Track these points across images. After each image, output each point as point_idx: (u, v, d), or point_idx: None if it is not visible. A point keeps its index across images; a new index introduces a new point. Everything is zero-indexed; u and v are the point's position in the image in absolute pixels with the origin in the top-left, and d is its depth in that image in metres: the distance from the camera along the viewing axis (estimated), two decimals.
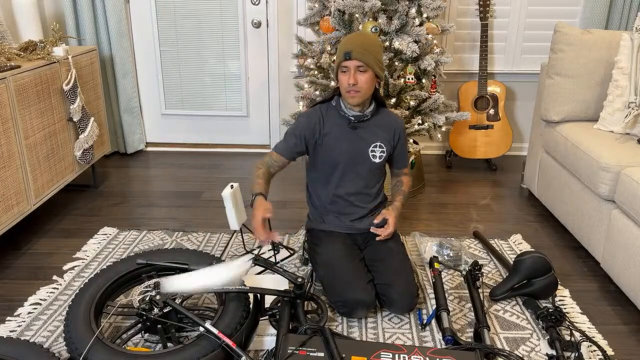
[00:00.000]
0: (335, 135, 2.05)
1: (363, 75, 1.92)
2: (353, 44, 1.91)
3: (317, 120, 2.05)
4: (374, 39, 1.99)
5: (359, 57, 1.90)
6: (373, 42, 1.96)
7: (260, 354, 1.78)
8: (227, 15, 3.55)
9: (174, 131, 3.89)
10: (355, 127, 2.05)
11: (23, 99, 2.42)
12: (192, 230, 2.65)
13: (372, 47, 1.94)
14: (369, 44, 1.93)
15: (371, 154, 2.07)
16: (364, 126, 2.06)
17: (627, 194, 2.09)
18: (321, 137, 2.05)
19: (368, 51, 1.91)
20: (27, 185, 2.48)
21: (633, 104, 2.45)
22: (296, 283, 1.81)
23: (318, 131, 2.05)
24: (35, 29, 2.99)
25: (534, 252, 2.09)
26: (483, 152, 3.53)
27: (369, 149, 2.06)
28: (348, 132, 2.05)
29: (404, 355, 1.61)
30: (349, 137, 2.05)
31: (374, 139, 2.07)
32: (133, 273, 1.91)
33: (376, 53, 1.94)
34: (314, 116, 2.06)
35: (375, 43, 1.97)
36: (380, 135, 2.08)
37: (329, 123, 2.06)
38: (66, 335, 1.63)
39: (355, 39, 1.93)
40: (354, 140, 2.05)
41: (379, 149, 2.07)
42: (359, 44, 1.91)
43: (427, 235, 2.61)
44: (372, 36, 2.01)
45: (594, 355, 1.81)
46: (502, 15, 3.56)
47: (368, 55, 1.91)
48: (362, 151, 2.06)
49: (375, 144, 2.07)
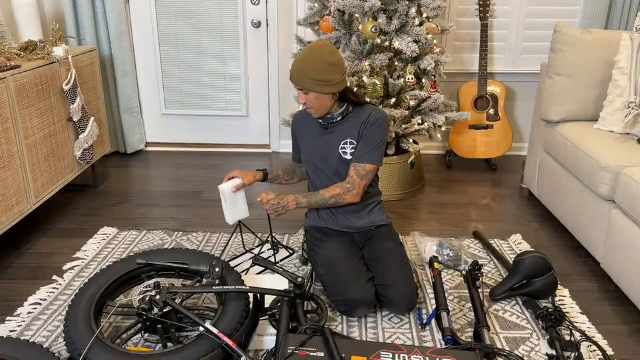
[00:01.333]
0: (311, 136, 2.16)
1: (308, 95, 1.99)
2: (294, 68, 1.96)
3: (300, 120, 2.22)
4: (317, 59, 1.92)
5: (296, 82, 1.97)
6: (314, 64, 1.91)
7: (260, 354, 1.78)
8: (227, 15, 3.55)
9: (173, 131, 3.89)
10: (327, 128, 2.11)
11: (23, 99, 2.42)
12: (192, 230, 2.65)
13: (312, 70, 1.91)
14: (308, 69, 1.92)
15: (342, 151, 2.09)
16: (335, 127, 2.10)
17: (627, 194, 2.09)
18: (301, 137, 2.20)
19: (305, 76, 1.93)
20: (27, 185, 2.48)
21: (633, 104, 2.45)
22: (296, 283, 1.81)
23: (298, 130, 2.22)
24: (35, 29, 2.99)
25: (534, 252, 2.09)
26: (483, 152, 3.53)
27: (339, 147, 2.09)
28: (321, 133, 2.13)
29: (404, 355, 1.61)
30: (322, 137, 2.13)
31: (344, 137, 2.09)
32: (133, 273, 1.91)
33: (316, 74, 1.91)
34: (299, 117, 2.23)
35: (316, 64, 1.91)
36: (351, 132, 2.08)
37: (308, 124, 2.18)
38: (66, 335, 1.63)
39: (298, 63, 1.95)
40: (326, 140, 2.12)
41: (349, 145, 2.08)
42: (298, 69, 1.95)
43: (427, 235, 2.61)
44: (316, 55, 1.93)
45: (594, 355, 1.81)
46: (502, 15, 3.56)
47: (304, 81, 1.94)
48: (333, 149, 2.10)
49: (345, 141, 2.09)
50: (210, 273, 1.84)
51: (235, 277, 1.87)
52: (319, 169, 2.15)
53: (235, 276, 1.88)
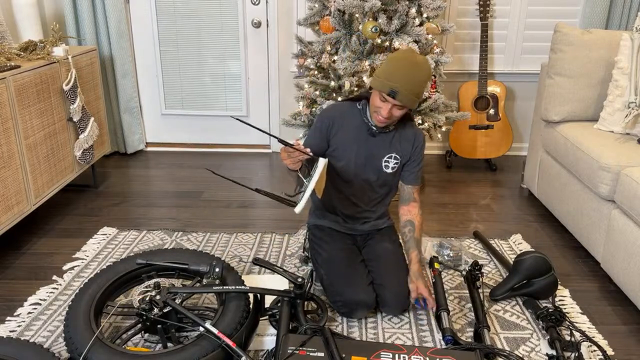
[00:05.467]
0: (351, 137, 2.00)
1: (399, 110, 1.86)
2: (403, 83, 1.78)
3: (336, 115, 2.01)
4: (425, 76, 1.82)
5: (403, 100, 1.80)
6: (423, 81, 1.82)
7: (260, 354, 1.78)
8: (227, 15, 3.55)
9: (173, 131, 3.89)
10: (374, 135, 2.01)
11: (23, 99, 2.42)
12: (192, 230, 2.65)
13: (421, 89, 1.82)
14: (419, 86, 1.80)
15: (384, 164, 2.03)
16: (383, 136, 2.02)
17: (627, 194, 2.09)
18: (338, 135, 2.00)
19: (416, 95, 1.81)
20: (27, 185, 2.48)
21: (633, 104, 2.45)
22: (296, 283, 1.81)
23: (336, 126, 2.00)
24: (35, 29, 2.99)
25: (534, 252, 2.09)
26: (483, 152, 3.53)
27: (384, 159, 2.02)
28: (365, 138, 2.00)
29: (404, 355, 1.61)
30: (365, 142, 2.01)
31: (390, 150, 2.02)
32: (133, 273, 1.91)
33: (422, 91, 1.83)
34: (336, 112, 2.02)
35: (425, 81, 1.83)
36: (398, 147, 2.03)
37: (348, 123, 2.00)
38: (66, 335, 1.63)
39: (407, 77, 1.78)
40: (370, 147, 2.01)
41: (393, 160, 2.03)
42: (408, 86, 1.78)
43: (427, 235, 2.61)
44: (424, 71, 1.82)
45: (594, 355, 1.81)
46: (502, 15, 3.56)
47: (413, 100, 1.82)
48: (376, 159, 2.02)
49: (391, 155, 2.02)
50: (210, 273, 1.84)
51: (235, 277, 1.87)
52: (351, 172, 2.02)
53: (235, 276, 1.88)
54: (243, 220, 2.78)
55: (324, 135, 2.01)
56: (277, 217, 2.82)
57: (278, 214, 2.86)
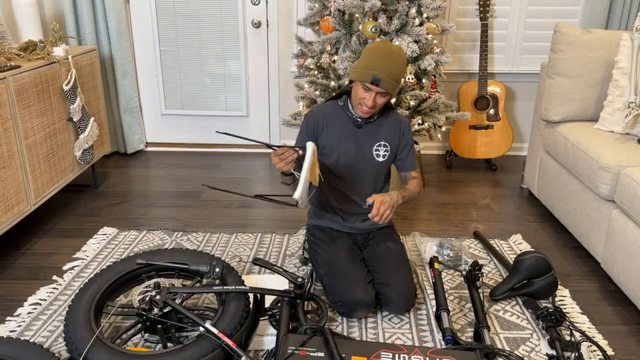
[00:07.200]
0: (338, 133, 2.05)
1: (382, 98, 1.92)
2: (383, 70, 1.84)
3: (320, 117, 2.06)
4: (402, 62, 1.90)
5: (385, 87, 1.86)
6: (401, 67, 1.89)
7: (260, 354, 1.78)
8: (227, 15, 3.55)
9: (174, 131, 3.89)
10: (360, 127, 2.05)
11: (23, 99, 2.42)
12: (192, 230, 2.65)
13: (400, 75, 1.89)
14: (398, 72, 1.88)
15: (375, 153, 2.07)
16: (368, 126, 2.06)
17: (627, 194, 2.09)
18: (326, 133, 2.05)
19: (396, 81, 1.88)
20: (27, 185, 2.47)
21: (633, 104, 2.45)
22: (296, 283, 1.81)
23: (322, 127, 2.06)
24: (35, 29, 2.99)
25: (534, 252, 2.09)
26: (483, 152, 3.53)
27: (373, 148, 2.06)
28: (352, 131, 2.05)
29: (404, 355, 1.61)
30: (353, 135, 2.05)
31: (378, 138, 2.06)
32: (133, 273, 1.91)
33: (401, 77, 1.91)
34: (319, 114, 2.07)
35: (403, 67, 1.90)
36: (385, 135, 2.07)
37: (333, 121, 2.06)
38: (66, 335, 1.63)
39: (387, 64, 1.85)
40: (358, 138, 2.05)
41: (382, 148, 2.07)
42: (388, 73, 1.85)
43: (427, 235, 2.61)
44: (400, 58, 1.90)
45: (594, 355, 1.81)
46: (502, 15, 3.56)
47: (394, 86, 1.88)
48: (366, 150, 2.06)
49: (380, 143, 2.06)
50: (210, 273, 1.84)
51: (235, 277, 1.87)
52: (344, 166, 2.07)
53: (235, 276, 1.88)
54: (243, 220, 2.78)
55: (312, 137, 2.06)
56: (277, 217, 2.82)
57: (278, 214, 2.86)
